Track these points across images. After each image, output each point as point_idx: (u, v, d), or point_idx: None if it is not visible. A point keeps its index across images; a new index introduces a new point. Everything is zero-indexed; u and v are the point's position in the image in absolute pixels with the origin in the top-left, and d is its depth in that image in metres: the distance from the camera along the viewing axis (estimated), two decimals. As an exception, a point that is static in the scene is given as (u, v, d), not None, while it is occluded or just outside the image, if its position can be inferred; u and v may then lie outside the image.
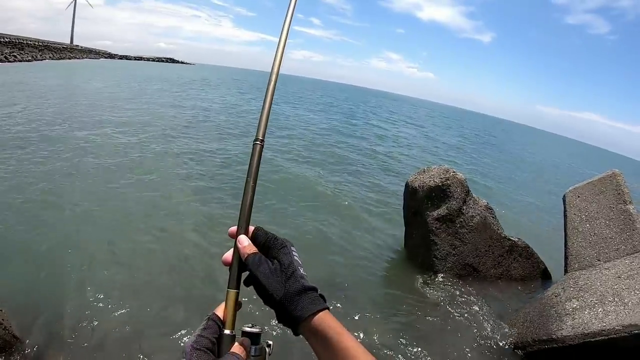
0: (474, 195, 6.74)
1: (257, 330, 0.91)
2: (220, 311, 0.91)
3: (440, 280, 6.23)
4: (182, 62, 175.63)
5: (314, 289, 0.89)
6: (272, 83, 1.11)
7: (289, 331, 0.90)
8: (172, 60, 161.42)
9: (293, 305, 0.87)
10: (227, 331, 0.88)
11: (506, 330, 5.22)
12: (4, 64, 47.42)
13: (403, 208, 7.08)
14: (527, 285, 6.60)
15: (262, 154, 1.05)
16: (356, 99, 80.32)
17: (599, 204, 6.27)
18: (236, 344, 0.86)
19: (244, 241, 0.96)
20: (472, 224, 6.41)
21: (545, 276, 6.87)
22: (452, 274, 6.28)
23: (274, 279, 0.89)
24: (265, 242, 0.97)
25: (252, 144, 1.03)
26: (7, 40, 65.32)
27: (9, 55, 54.60)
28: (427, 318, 5.47)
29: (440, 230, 6.33)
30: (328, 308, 0.88)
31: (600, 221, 6.08)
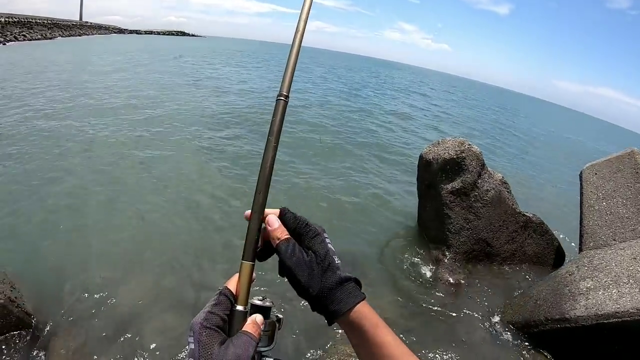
0: (489, 168, 6.61)
1: (269, 304, 0.86)
2: (232, 285, 0.83)
3: (452, 254, 6.17)
4: (193, 35, 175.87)
5: (350, 279, 0.86)
6: (298, 38, 1.03)
7: (297, 304, 0.82)
8: (183, 34, 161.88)
9: (329, 299, 0.83)
10: (239, 307, 0.81)
11: (518, 307, 5.15)
12: (14, 43, 47.92)
13: (417, 180, 6.96)
14: (540, 262, 6.53)
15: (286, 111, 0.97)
16: (366, 70, 78.96)
17: (616, 182, 6.11)
18: (249, 321, 0.79)
19: (275, 222, 0.90)
20: (486, 198, 6.29)
21: (559, 254, 6.76)
22: (465, 248, 6.20)
23: (309, 272, 0.84)
24: (295, 228, 0.91)
25: (276, 99, 0.95)
26: (15, 20, 65.35)
27: (19, 35, 55.08)
28: (437, 294, 5.46)
29: (454, 204, 6.22)
30: (365, 297, 0.85)
31: (617, 200, 5.94)
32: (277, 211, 0.92)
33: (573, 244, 7.15)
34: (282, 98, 0.95)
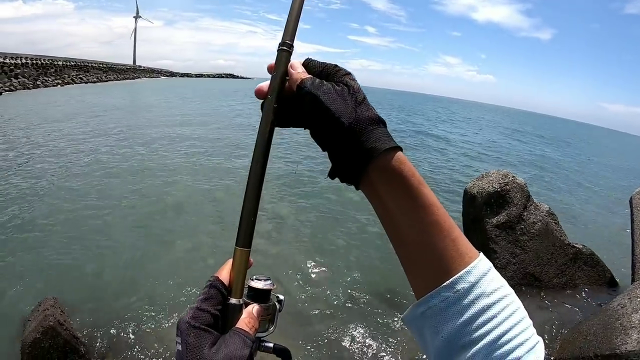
0: (535, 200, 6.63)
1: (269, 286, 0.75)
2: (224, 274, 0.72)
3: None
4: (241, 77, 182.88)
5: (385, 125, 0.72)
6: None
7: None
8: (232, 76, 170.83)
9: (366, 135, 0.68)
10: (233, 300, 0.70)
11: (567, 344, 5.11)
12: (72, 86, 54.47)
13: (462, 215, 7.05)
14: (592, 296, 6.52)
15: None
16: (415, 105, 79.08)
17: (671, 208, 6.03)
18: (244, 314, 0.69)
19: (298, 66, 0.77)
20: (533, 230, 6.34)
21: (612, 285, 6.72)
22: (512, 283, 6.13)
23: (341, 100, 0.70)
24: (323, 70, 0.77)
25: (277, 50, 0.80)
26: (72, 64, 71.06)
27: (75, 77, 59.77)
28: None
29: (500, 238, 6.30)
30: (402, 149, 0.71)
31: (671, 226, 5.86)
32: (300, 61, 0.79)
33: (627, 274, 7.01)
34: (284, 48, 0.79)
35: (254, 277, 0.75)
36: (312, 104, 0.70)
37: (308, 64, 0.78)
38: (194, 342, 0.62)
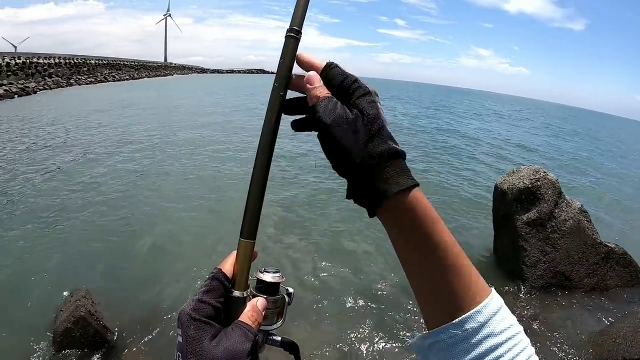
0: (566, 197, 6.50)
1: (277, 278, 0.73)
2: (228, 266, 0.70)
3: (528, 288, 6.11)
4: (271, 72, 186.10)
5: (404, 156, 0.69)
6: None
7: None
8: (262, 71, 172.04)
9: (377, 173, 0.65)
10: (237, 293, 0.69)
11: (595, 347, 5.00)
12: (104, 84, 55.03)
13: (492, 211, 6.96)
14: (623, 297, 6.42)
15: None
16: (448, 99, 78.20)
17: None
18: (248, 307, 0.68)
19: (315, 80, 0.72)
20: (564, 228, 6.22)
21: (644, 286, 6.49)
22: (541, 282, 6.13)
23: (353, 132, 0.66)
24: (342, 83, 0.72)
25: (285, 37, 0.77)
26: (105, 62, 73.60)
27: (108, 76, 61.84)
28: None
29: (530, 236, 6.20)
30: (419, 185, 0.67)
31: None
32: (321, 65, 0.74)
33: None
34: (292, 34, 0.76)
35: (263, 269, 0.74)
36: (323, 133, 0.68)
37: (328, 73, 0.72)
38: (194, 335, 0.61)
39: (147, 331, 4.93)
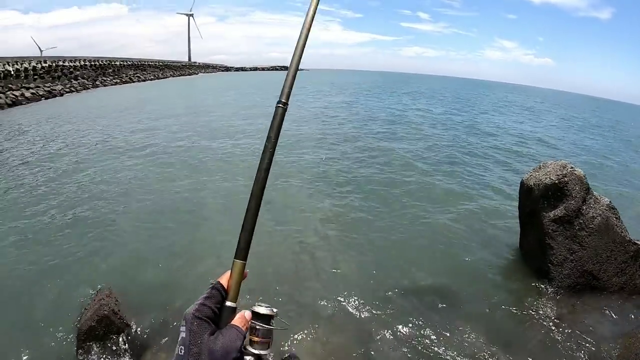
0: (594, 193, 6.31)
1: (268, 311, 0.92)
2: (224, 280, 0.92)
3: (555, 288, 6.00)
4: None
5: None
6: (299, 48, 1.19)
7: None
8: (286, 68, 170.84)
9: None
10: (229, 303, 0.90)
11: (623, 349, 4.91)
12: (129, 85, 57.23)
13: (518, 208, 6.82)
14: (653, 297, 6.13)
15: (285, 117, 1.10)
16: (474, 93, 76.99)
17: None
18: (238, 315, 0.88)
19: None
20: (592, 225, 6.06)
21: (674, 286, 6.31)
22: (569, 282, 6.00)
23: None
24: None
25: (275, 106, 1.07)
26: (130, 63, 74.77)
27: (133, 76, 63.06)
28: (538, 329, 5.36)
29: (557, 233, 6.06)
30: None
31: None
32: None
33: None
34: (280, 105, 1.06)
35: (257, 304, 0.94)
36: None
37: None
38: (196, 330, 0.82)
39: (165, 332, 4.97)
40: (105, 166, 11.96)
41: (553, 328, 5.37)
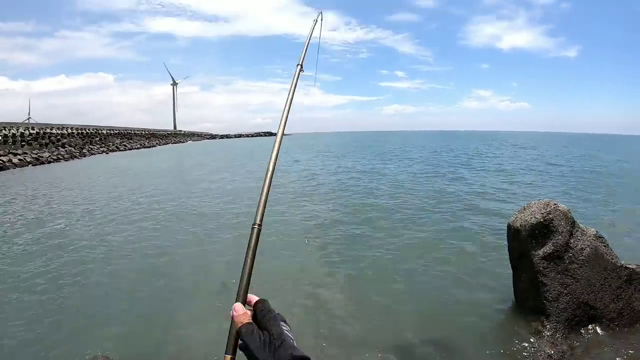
0: (580, 225, 6.56)
1: None
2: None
3: (553, 324, 6.20)
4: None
5: (304, 357, 0.96)
6: (270, 172, 1.30)
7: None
8: (270, 134, 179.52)
9: None
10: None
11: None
12: (114, 153, 59.71)
13: (508, 251, 7.04)
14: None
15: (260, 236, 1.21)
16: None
17: None
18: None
19: (239, 309, 1.08)
20: (582, 257, 6.33)
21: (674, 304, 6.46)
22: (565, 315, 6.20)
23: (263, 348, 0.97)
24: (259, 313, 1.09)
25: (251, 227, 1.18)
26: (116, 132, 76.83)
27: (119, 145, 64.14)
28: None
29: (549, 270, 6.31)
30: None
31: None
32: (252, 299, 1.14)
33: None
34: (255, 226, 1.18)
35: None
36: (246, 351, 1.00)
37: (256, 305, 1.11)
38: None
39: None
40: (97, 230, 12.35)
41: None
